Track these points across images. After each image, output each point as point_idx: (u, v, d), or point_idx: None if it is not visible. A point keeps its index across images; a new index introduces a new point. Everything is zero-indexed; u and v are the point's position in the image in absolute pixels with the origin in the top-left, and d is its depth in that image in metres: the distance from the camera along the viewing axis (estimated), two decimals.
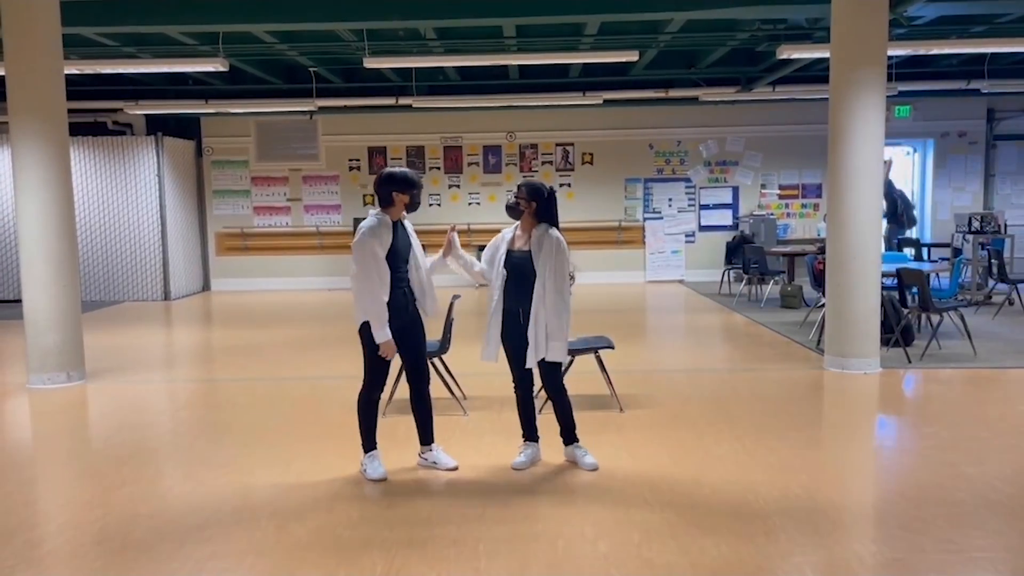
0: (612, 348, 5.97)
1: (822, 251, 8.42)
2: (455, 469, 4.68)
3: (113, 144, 12.80)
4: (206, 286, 14.46)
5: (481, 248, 5.01)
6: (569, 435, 4.78)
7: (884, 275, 7.55)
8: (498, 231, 4.83)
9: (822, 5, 7.47)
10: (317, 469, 4.76)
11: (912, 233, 13.54)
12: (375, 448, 4.65)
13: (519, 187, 4.67)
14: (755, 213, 14.02)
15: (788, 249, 11.51)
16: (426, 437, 4.76)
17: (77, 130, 12.37)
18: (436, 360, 5.95)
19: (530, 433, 4.84)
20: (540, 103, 12.72)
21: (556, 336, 4.54)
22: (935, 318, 7.99)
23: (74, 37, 9.04)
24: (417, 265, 4.59)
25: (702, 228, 14.35)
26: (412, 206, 4.52)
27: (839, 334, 7.05)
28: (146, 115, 13.49)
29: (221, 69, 8.90)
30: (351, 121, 14.07)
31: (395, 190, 4.44)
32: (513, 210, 4.64)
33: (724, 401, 6.16)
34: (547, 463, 4.78)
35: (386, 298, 4.39)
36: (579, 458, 4.74)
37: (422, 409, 4.73)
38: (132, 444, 5.32)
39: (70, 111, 7.44)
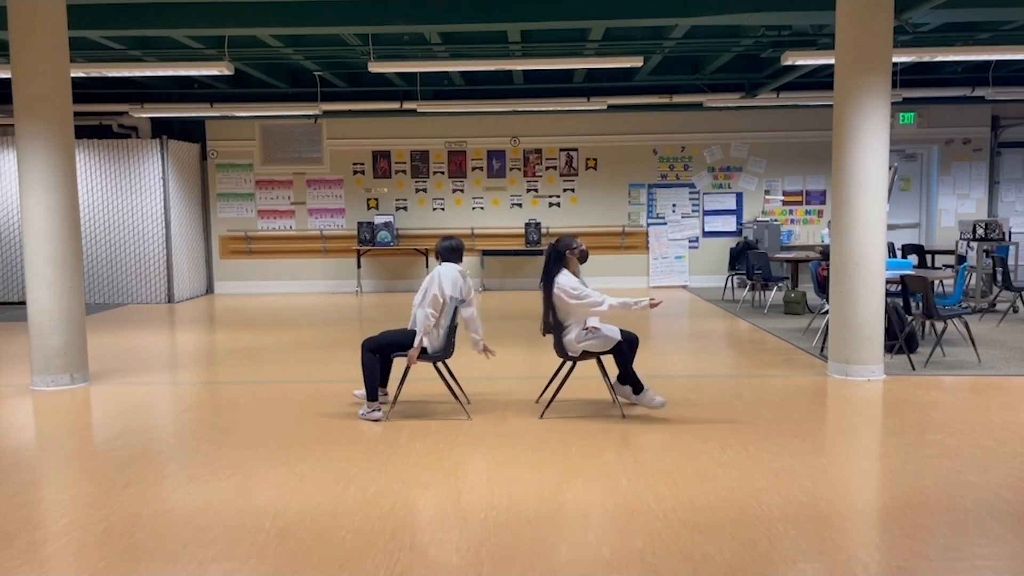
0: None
1: (826, 257, 8.41)
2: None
3: (118, 147, 12.83)
4: (210, 289, 14.48)
5: (485, 253, 5.03)
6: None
7: (888, 282, 7.55)
8: (501, 236, 4.86)
9: (827, 12, 7.48)
10: (320, 471, 4.77)
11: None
12: None
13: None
14: (759, 219, 14.01)
15: (792, 255, 11.48)
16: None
17: (83, 133, 12.42)
18: (440, 364, 5.95)
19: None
20: (544, 108, 12.73)
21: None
22: (939, 325, 7.98)
23: (80, 40, 9.09)
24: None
25: (706, 234, 14.35)
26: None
27: (843, 340, 7.04)
28: (151, 118, 13.54)
29: (226, 73, 8.93)
30: (356, 125, 14.10)
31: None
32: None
33: (727, 407, 6.15)
34: (548, 468, 4.78)
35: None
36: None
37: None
38: (136, 446, 5.33)
39: (76, 114, 7.46)
